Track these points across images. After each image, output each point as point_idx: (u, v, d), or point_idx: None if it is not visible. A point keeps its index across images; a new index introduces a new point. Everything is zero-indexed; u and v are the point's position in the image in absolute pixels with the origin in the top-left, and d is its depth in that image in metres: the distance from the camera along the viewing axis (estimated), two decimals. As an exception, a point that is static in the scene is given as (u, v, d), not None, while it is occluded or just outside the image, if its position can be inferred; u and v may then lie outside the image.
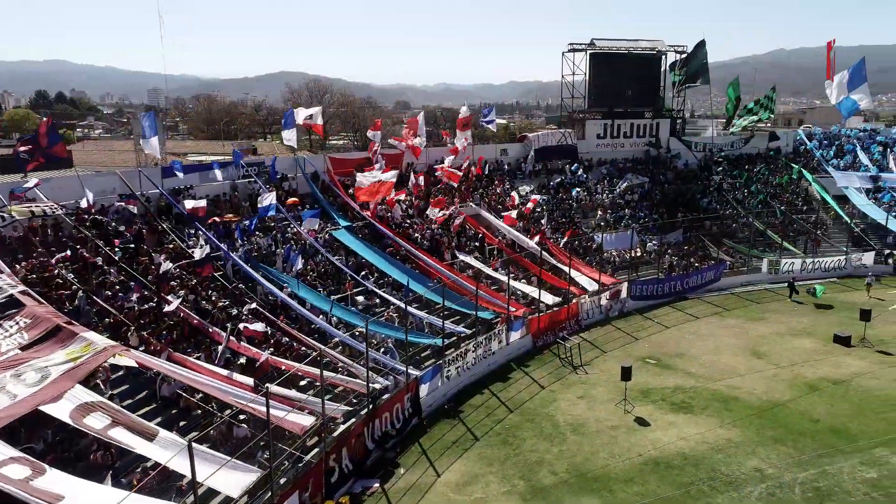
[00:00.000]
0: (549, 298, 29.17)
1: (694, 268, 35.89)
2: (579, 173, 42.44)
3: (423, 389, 21.00)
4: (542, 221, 35.64)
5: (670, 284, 33.68)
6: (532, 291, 28.67)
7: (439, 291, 24.88)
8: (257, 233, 26.93)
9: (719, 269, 35.86)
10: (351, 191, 31.43)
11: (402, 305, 24.51)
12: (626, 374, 20.93)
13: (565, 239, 33.27)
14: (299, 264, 25.37)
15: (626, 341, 27.73)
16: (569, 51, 44.84)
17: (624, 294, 31.87)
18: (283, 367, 18.65)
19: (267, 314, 21.87)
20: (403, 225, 32.36)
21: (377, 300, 26.41)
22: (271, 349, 20.17)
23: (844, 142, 49.68)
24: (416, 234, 31.64)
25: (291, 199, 30.19)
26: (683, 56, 46.00)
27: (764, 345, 26.88)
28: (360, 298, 26.53)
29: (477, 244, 33.67)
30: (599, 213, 39.85)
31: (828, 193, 44.15)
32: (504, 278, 29.68)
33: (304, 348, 20.34)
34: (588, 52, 44.50)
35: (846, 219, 41.89)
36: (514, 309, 26.74)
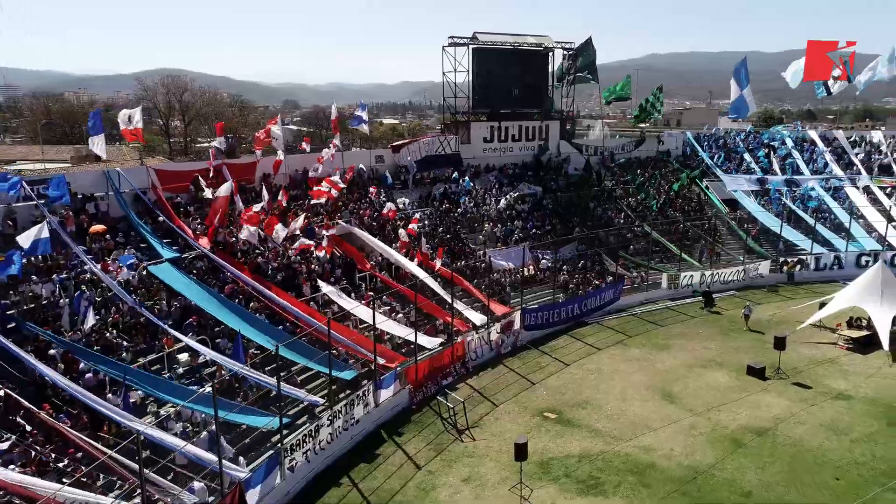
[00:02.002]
0: (429, 341, 24.24)
1: (593, 286, 32.41)
2: (464, 181, 37.88)
3: (253, 495, 15.35)
4: (422, 240, 30.75)
5: (567, 309, 29.83)
6: (409, 333, 23.52)
7: (294, 345, 19.55)
8: (33, 277, 20.05)
9: (618, 288, 32.57)
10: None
11: (235, 368, 18.82)
12: (521, 452, 16.33)
13: (439, 261, 28.49)
14: (91, 320, 18.87)
15: (521, 387, 23.32)
16: (449, 45, 40.28)
17: (517, 324, 27.59)
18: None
19: (25, 403, 15.39)
20: (255, 252, 26.39)
21: (208, 359, 20.34)
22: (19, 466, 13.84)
23: (731, 144, 48.75)
24: (269, 264, 25.77)
25: (95, 227, 23.37)
26: (571, 52, 42.88)
27: (674, 383, 23.39)
28: (184, 357, 20.38)
29: (346, 270, 28.25)
30: (487, 226, 35.56)
31: (718, 198, 42.77)
32: (379, 315, 24.55)
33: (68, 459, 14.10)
34: (470, 46, 40.16)
35: (737, 230, 40.28)
36: (383, 360, 21.55)
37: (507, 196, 37.74)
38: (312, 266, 26.73)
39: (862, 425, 19.84)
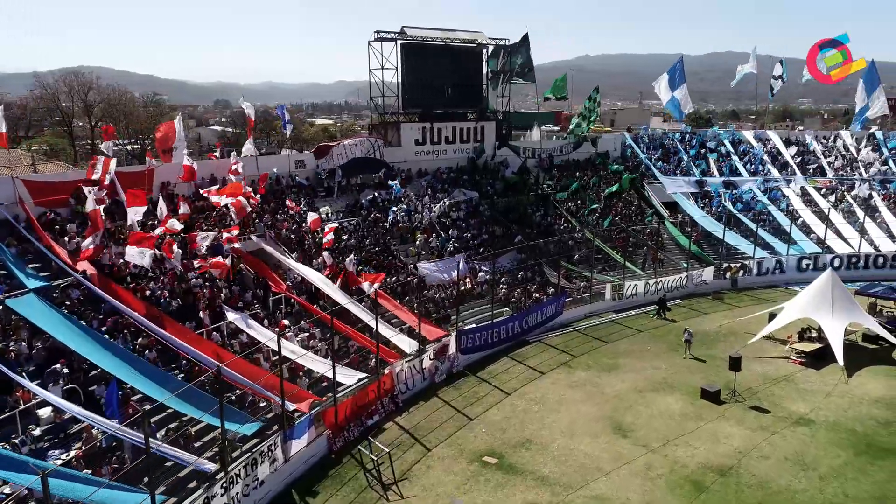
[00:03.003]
0: (352, 374, 21.22)
1: (534, 300, 30.15)
2: (395, 188, 34.86)
3: None
4: (351, 258, 27.55)
5: (507, 328, 27.35)
6: (328, 369, 20.37)
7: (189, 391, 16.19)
8: None
9: (560, 302, 30.35)
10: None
11: (105, 427, 15.34)
12: (457, 523, 13.63)
13: (370, 284, 25.46)
14: (-87, 374, 14.98)
15: (457, 424, 20.58)
16: (375, 40, 37.24)
17: (452, 348, 24.90)
18: None
19: None
20: (147, 276, 22.66)
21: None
22: None
23: (669, 145, 47.72)
24: (161, 290, 22.11)
25: (-62, 253, 19.26)
26: (507, 48, 40.62)
27: (625, 412, 21.19)
28: (45, 413, 16.69)
29: (257, 291, 24.88)
30: (420, 237, 32.73)
31: (658, 201, 41.51)
32: (297, 347, 21.42)
33: None
34: (398, 41, 37.22)
35: (676, 236, 38.93)
36: (293, 406, 18.37)
37: (442, 202, 35.03)
38: (218, 291, 23.18)
39: (829, 456, 18.12)
